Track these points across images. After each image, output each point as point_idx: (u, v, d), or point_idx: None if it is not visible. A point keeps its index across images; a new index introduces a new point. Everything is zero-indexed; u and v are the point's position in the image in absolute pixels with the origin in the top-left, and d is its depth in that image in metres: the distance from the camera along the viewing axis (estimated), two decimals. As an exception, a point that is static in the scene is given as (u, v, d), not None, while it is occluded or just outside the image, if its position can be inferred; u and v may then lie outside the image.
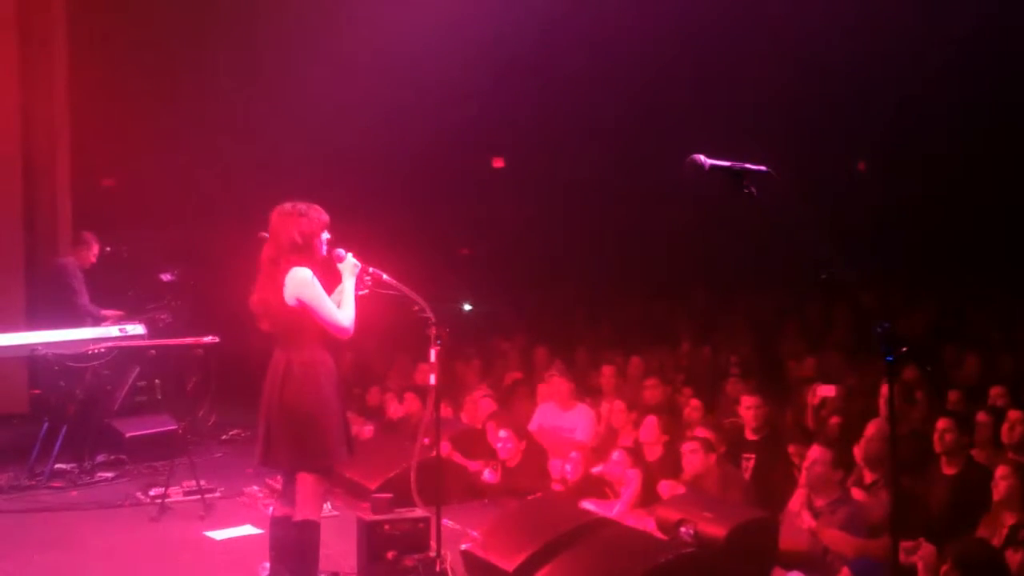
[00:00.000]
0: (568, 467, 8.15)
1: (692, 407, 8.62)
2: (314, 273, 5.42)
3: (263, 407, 5.48)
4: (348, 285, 5.60)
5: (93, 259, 10.26)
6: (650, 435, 7.92)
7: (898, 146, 14.15)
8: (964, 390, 8.25)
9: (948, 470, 6.52)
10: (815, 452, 6.39)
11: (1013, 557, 5.39)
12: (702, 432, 7.76)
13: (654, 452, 7.85)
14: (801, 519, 6.24)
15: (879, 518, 6.06)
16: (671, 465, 7.57)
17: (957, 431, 6.50)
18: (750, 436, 7.82)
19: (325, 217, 5.55)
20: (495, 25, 12.81)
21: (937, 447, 6.56)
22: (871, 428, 6.95)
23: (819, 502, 6.29)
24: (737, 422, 8.23)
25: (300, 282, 5.34)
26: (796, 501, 6.47)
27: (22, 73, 11.89)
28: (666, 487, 7.35)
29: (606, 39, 13.67)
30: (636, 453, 7.75)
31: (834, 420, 7.95)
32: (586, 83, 14.28)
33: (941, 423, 6.57)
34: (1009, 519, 5.67)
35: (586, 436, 8.94)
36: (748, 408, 7.86)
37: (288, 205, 5.48)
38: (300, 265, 5.37)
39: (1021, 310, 11.34)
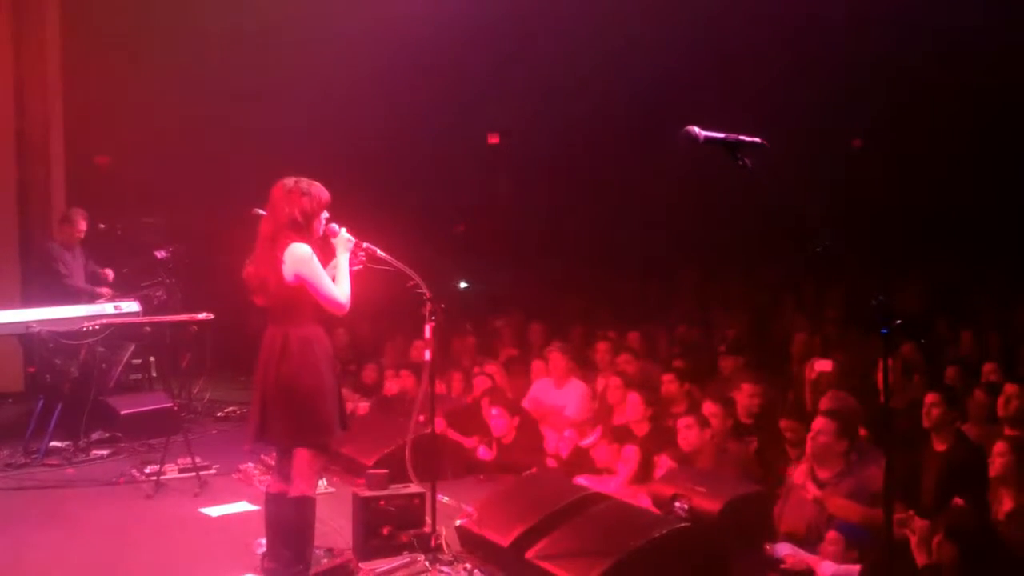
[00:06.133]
0: (562, 443, 8.17)
1: (666, 381, 8.49)
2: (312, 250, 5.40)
3: (258, 383, 5.44)
4: (343, 260, 5.57)
5: (80, 235, 10.23)
6: (635, 412, 7.92)
7: (895, 122, 14.11)
8: (958, 365, 8.25)
9: (939, 446, 6.52)
10: (819, 423, 6.37)
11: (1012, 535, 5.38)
12: (710, 407, 7.73)
13: (641, 428, 7.86)
14: (805, 490, 6.24)
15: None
16: (661, 441, 7.58)
17: (944, 406, 6.49)
18: (747, 420, 7.83)
19: (326, 196, 5.50)
20: (491, 3, 12.75)
21: (925, 422, 6.55)
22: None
23: (823, 474, 6.28)
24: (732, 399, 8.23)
25: (299, 259, 5.30)
26: (800, 474, 6.46)
27: (15, 50, 11.84)
28: (661, 463, 7.36)
29: (601, 15, 13.61)
30: (623, 431, 7.76)
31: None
32: (581, 60, 14.21)
33: (929, 398, 6.55)
34: (1006, 497, 5.66)
35: (576, 412, 8.95)
36: (752, 396, 7.85)
37: (291, 181, 5.43)
38: (298, 242, 5.35)
39: (1016, 287, 11.35)
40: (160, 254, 10.95)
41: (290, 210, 5.36)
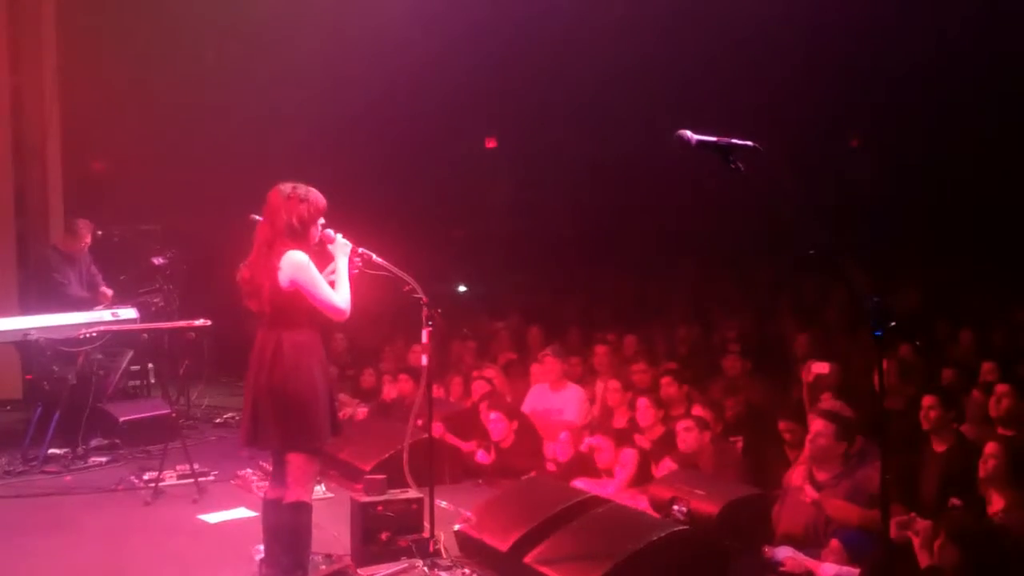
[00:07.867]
0: (558, 447, 8.16)
1: (665, 384, 8.46)
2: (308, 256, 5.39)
3: (249, 387, 5.44)
4: (342, 265, 5.55)
5: (84, 247, 10.22)
6: (647, 418, 7.91)
7: (892, 121, 14.11)
8: (956, 366, 8.24)
9: (938, 447, 6.52)
10: (818, 425, 6.36)
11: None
12: (698, 410, 7.75)
13: (655, 432, 7.84)
14: (804, 493, 6.23)
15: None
16: (664, 444, 7.58)
17: (942, 407, 6.48)
18: (732, 419, 7.87)
19: (323, 202, 5.49)
20: (486, 4, 12.75)
21: (924, 424, 6.55)
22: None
23: (821, 476, 6.28)
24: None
25: (296, 266, 5.30)
26: (798, 476, 6.46)
27: (12, 56, 11.84)
28: (661, 466, 7.36)
29: (596, 16, 13.62)
30: (623, 434, 7.74)
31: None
32: (578, 62, 14.22)
33: (926, 400, 6.55)
34: (996, 497, 5.65)
35: (575, 416, 8.94)
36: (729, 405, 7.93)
37: (289, 187, 5.42)
38: (295, 248, 5.34)
39: (1014, 287, 11.34)
40: (157, 260, 10.93)
41: (288, 216, 5.35)
